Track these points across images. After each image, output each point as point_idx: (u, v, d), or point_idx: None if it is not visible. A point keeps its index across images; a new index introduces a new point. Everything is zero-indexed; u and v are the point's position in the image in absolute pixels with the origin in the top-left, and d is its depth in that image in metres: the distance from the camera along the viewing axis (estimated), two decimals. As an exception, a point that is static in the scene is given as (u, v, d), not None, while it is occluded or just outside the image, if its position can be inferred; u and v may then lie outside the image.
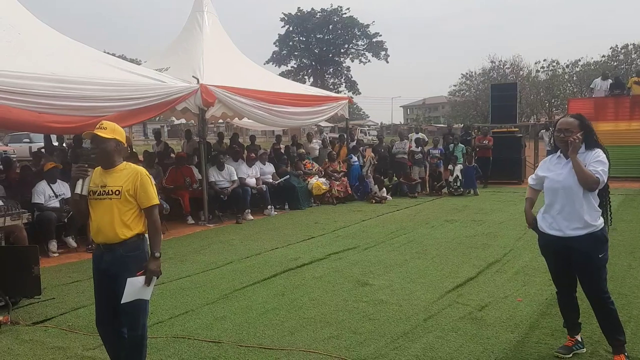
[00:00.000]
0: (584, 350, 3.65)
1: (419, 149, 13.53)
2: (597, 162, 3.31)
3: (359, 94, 58.34)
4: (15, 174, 8.92)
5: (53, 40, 7.65)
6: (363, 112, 78.09)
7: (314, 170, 12.12)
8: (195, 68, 9.14)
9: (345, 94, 40.69)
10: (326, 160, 12.69)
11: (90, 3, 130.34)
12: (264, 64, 49.95)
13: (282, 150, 13.61)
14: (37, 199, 7.29)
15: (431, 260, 6.39)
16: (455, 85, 54.14)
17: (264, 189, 10.37)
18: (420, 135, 15.47)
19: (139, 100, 7.59)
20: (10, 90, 6.02)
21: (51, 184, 7.50)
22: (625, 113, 15.27)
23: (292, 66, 55.24)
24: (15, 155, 17.83)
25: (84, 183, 3.14)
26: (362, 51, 55.06)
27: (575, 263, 3.46)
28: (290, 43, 54.41)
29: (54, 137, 12.41)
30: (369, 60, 55.08)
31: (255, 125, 14.22)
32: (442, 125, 44.19)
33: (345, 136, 13.95)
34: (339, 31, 54.33)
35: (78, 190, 3.13)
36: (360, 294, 5.10)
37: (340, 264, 6.29)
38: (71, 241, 7.43)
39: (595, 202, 3.40)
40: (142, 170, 3.19)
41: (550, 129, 12.63)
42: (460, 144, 13.76)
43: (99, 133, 3.09)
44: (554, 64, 49.11)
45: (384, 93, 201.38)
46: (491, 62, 49.33)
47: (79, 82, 6.78)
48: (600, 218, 3.42)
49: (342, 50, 55.31)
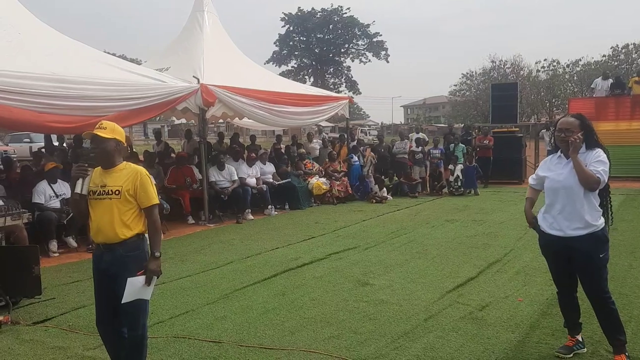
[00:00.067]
0: (585, 350, 3.65)
1: (420, 149, 13.53)
2: (598, 162, 3.30)
3: (360, 93, 58.47)
4: (15, 173, 8.92)
5: (53, 40, 7.65)
6: (363, 112, 78.17)
7: (314, 170, 12.11)
8: (195, 68, 9.14)
9: (345, 93, 40.76)
10: (326, 160, 12.70)
11: (90, 3, 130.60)
12: (265, 63, 50.00)
13: (283, 150, 13.60)
14: (38, 198, 7.29)
15: (432, 260, 6.39)
16: (455, 85, 54.21)
17: (265, 189, 10.37)
18: (421, 135, 15.50)
19: (139, 100, 7.59)
20: (11, 90, 6.02)
21: (52, 184, 7.50)
22: (626, 113, 15.26)
23: (293, 66, 55.32)
24: (15, 155, 17.84)
25: (84, 183, 3.14)
26: (363, 51, 55.11)
27: (576, 263, 3.46)
28: (291, 43, 54.41)
29: (54, 137, 12.44)
30: (369, 60, 55.22)
31: (256, 125, 14.22)
32: (443, 125, 44.15)
33: (345, 136, 13.95)
34: (340, 31, 54.32)
35: (78, 190, 3.13)
36: (360, 294, 5.09)
37: (341, 264, 6.28)
38: (71, 241, 7.44)
39: (596, 202, 3.40)
40: (142, 170, 3.19)
41: (551, 128, 12.63)
42: (460, 144, 13.75)
43: (99, 133, 3.09)
44: (555, 63, 49.21)
45: (385, 93, 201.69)
46: (492, 62, 49.40)
47: (79, 82, 6.79)
48: (601, 218, 3.41)
49: (343, 50, 55.30)
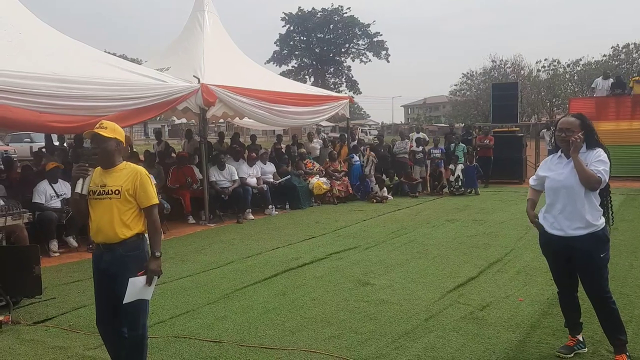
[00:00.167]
0: (586, 350, 3.65)
1: (420, 149, 13.53)
2: (599, 162, 3.30)
3: (360, 93, 58.39)
4: (16, 173, 8.93)
5: (54, 39, 7.65)
6: (364, 112, 78.14)
7: (315, 169, 12.11)
8: (196, 68, 9.15)
9: (346, 93, 40.83)
10: (327, 159, 12.70)
11: (90, 3, 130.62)
12: (265, 63, 49.97)
13: (283, 150, 13.60)
14: (38, 198, 7.29)
15: (432, 259, 6.38)
16: (456, 85, 54.14)
17: (265, 189, 10.37)
18: (421, 134, 15.49)
19: (140, 100, 7.59)
20: (11, 89, 6.03)
21: (53, 184, 7.51)
22: (627, 112, 15.25)
23: (293, 66, 55.25)
24: (16, 155, 17.84)
25: (84, 182, 3.14)
26: (363, 51, 55.02)
27: (576, 263, 3.45)
28: (291, 42, 54.37)
29: (54, 137, 12.44)
30: (369, 60, 55.10)
31: (256, 124, 14.22)
32: (443, 124, 44.15)
33: (346, 136, 13.95)
34: (340, 31, 54.27)
35: (78, 190, 3.13)
36: (361, 294, 5.09)
37: (341, 264, 6.28)
38: (72, 241, 7.44)
39: (596, 202, 3.39)
40: (142, 169, 3.19)
41: (552, 128, 12.64)
42: (461, 144, 13.75)
43: (100, 132, 3.09)
44: (555, 63, 49.13)
45: (385, 93, 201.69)
46: (492, 62, 49.36)
47: (80, 82, 6.79)
48: (602, 217, 3.41)
49: (343, 49, 55.25)
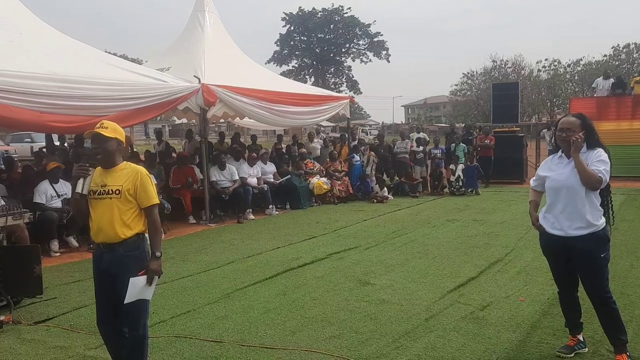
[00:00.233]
0: (586, 349, 3.65)
1: (421, 149, 13.53)
2: (599, 162, 3.30)
3: (360, 93, 58.34)
4: (17, 173, 8.93)
5: (54, 39, 7.65)
6: (364, 112, 78.09)
7: (315, 169, 12.12)
8: (196, 68, 9.15)
9: (346, 93, 40.77)
10: (327, 159, 12.70)
11: (91, 3, 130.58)
12: (265, 63, 49.94)
13: (284, 150, 13.60)
14: (38, 198, 7.29)
15: (432, 259, 6.38)
16: (456, 85, 54.02)
17: (265, 189, 10.37)
18: (422, 134, 15.51)
19: (140, 100, 7.60)
20: (12, 89, 6.03)
21: (53, 184, 7.51)
22: (627, 112, 15.25)
23: (294, 66, 55.24)
24: (16, 155, 17.81)
25: (85, 182, 3.15)
26: (363, 51, 55.01)
27: (577, 263, 3.45)
28: (292, 42, 54.36)
29: (55, 137, 12.44)
30: (370, 60, 55.07)
31: (257, 124, 14.22)
32: (444, 124, 44.12)
33: (346, 136, 13.95)
34: (340, 31, 54.25)
35: (79, 190, 3.13)
36: (361, 294, 5.09)
37: (342, 264, 6.28)
38: (73, 241, 7.45)
39: (597, 202, 3.39)
40: (142, 169, 3.20)
41: (552, 128, 12.62)
42: (461, 144, 13.75)
43: (101, 132, 3.09)
44: (556, 63, 49.08)
45: (386, 93, 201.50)
46: (492, 62, 49.28)
47: (81, 82, 6.80)
48: (602, 217, 3.41)
49: (343, 49, 55.24)
